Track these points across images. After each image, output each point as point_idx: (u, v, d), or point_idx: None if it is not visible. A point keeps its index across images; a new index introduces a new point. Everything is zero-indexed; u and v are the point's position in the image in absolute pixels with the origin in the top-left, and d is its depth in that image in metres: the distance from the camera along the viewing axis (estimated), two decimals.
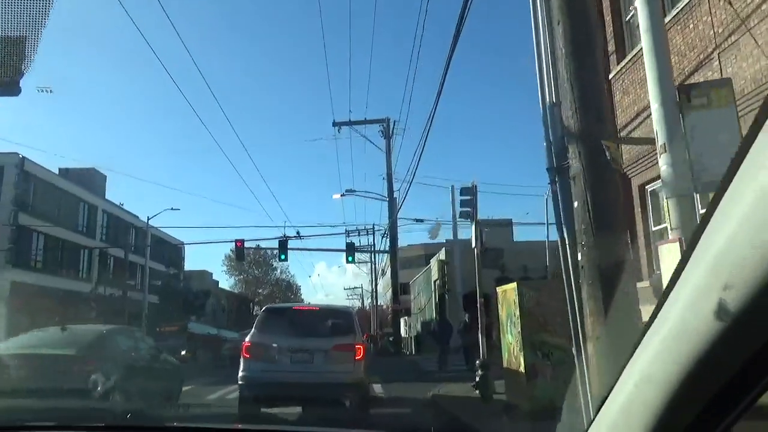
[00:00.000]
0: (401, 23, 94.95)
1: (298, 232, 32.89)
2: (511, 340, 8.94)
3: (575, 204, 5.08)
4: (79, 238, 40.95)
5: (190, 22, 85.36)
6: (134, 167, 76.91)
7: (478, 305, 11.93)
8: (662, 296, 0.88)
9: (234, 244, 34.75)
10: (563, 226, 5.46)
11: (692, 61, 8.73)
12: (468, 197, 12.04)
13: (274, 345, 8.95)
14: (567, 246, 5.41)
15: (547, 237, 32.50)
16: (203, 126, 45.06)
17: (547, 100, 5.85)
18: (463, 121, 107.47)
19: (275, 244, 34.43)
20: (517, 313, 8.33)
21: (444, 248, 34.40)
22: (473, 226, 11.84)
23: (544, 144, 5.77)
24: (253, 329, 9.56)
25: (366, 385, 9.41)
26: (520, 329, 8.24)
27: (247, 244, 38.41)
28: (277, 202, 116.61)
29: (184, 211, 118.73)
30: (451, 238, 34.55)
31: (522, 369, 8.17)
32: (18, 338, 9.63)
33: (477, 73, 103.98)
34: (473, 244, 11.89)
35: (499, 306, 9.64)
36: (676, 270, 0.84)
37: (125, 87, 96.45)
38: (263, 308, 10.92)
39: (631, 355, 0.97)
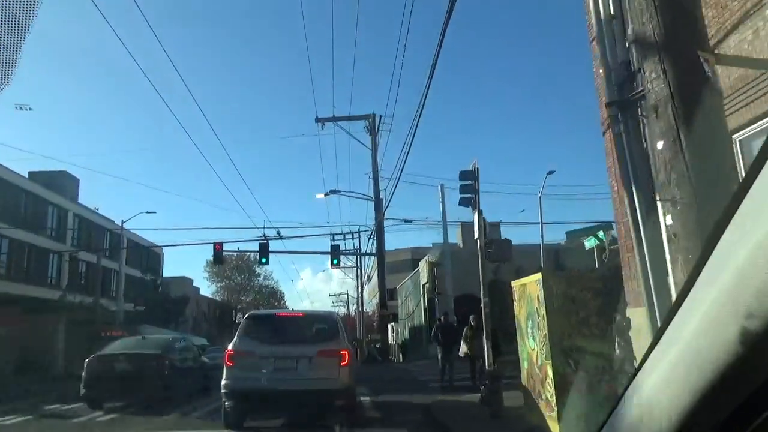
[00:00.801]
0: (387, 11, 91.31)
1: (278, 232, 31.12)
2: (533, 345, 7.31)
3: (659, 144, 3.50)
4: (48, 243, 38.71)
5: (164, 14, 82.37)
6: (109, 167, 74.15)
7: (482, 306, 10.31)
8: (667, 315, 0.85)
9: (213, 247, 32.80)
10: (631, 179, 3.90)
11: (735, 12, 7.22)
12: (468, 182, 10.46)
13: (257, 352, 8.78)
14: (638, 207, 3.85)
15: (542, 237, 31.11)
16: (178, 123, 42.75)
17: (602, 13, 4.31)
18: (454, 115, 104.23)
19: (257, 247, 32.56)
20: (542, 311, 6.66)
21: (432, 250, 32.85)
22: (475, 215, 10.26)
23: (601, 74, 4.22)
24: (235, 337, 9.36)
25: (353, 392, 9.15)
26: (546, 332, 6.57)
27: (227, 247, 36.56)
28: (255, 201, 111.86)
29: (160, 215, 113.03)
30: (440, 241, 33.11)
31: (549, 382, 6.53)
32: (115, 344, 14.35)
33: (469, 62, 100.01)
34: (475, 235, 10.31)
35: (516, 305, 8.02)
36: (683, 288, 0.82)
37: (96, 85, 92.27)
38: (246, 315, 10.73)
39: (632, 379, 0.94)
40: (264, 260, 32.71)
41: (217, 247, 32.55)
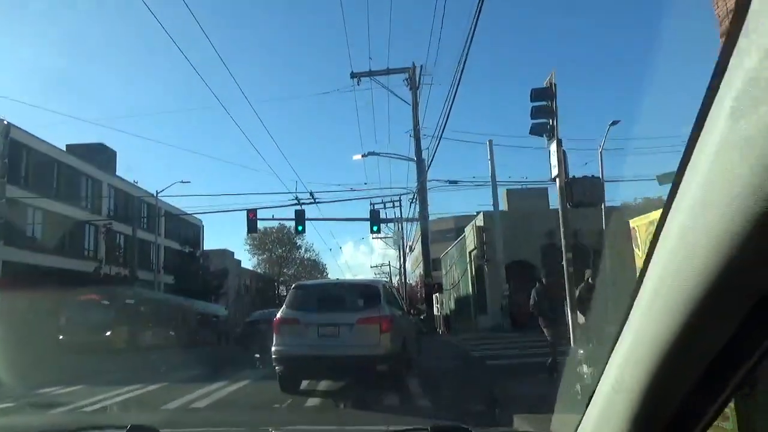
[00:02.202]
0: None
1: (311, 194, 29.07)
2: None
3: None
4: (84, 215, 37.96)
5: None
6: (141, 130, 72.81)
7: (564, 263, 7.91)
8: (632, 293, 0.87)
9: (246, 215, 31.14)
10: None
11: None
12: (543, 102, 7.98)
13: (302, 320, 9.25)
14: None
15: (604, 198, 28.18)
16: (204, 83, 40.55)
17: None
18: (502, 63, 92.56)
19: (292, 214, 30.71)
20: None
21: (482, 213, 30.31)
22: (553, 145, 7.84)
23: None
24: (283, 306, 9.93)
25: (400, 358, 9.22)
26: None
27: (263, 215, 34.89)
28: (286, 161, 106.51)
29: (195, 184, 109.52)
30: (485, 209, 30.55)
31: None
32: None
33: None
34: (553, 171, 7.89)
35: (638, 251, 5.60)
36: (641, 270, 0.83)
37: (122, 44, 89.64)
38: (293, 285, 11.25)
39: (608, 358, 0.97)
40: (300, 228, 30.90)
41: (251, 215, 30.89)
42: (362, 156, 29.74)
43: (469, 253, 33.97)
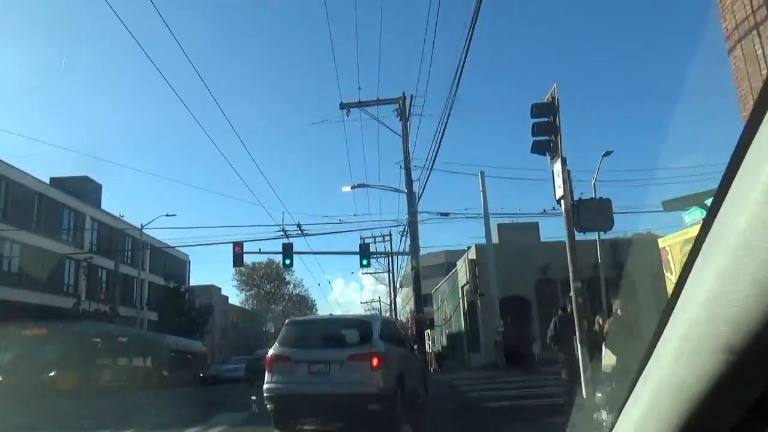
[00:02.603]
0: None
1: (299, 226, 28.23)
2: None
3: None
4: (65, 249, 36.79)
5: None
6: (126, 161, 70.71)
7: (572, 293, 7.14)
8: (654, 334, 0.83)
9: (232, 248, 30.20)
10: None
11: None
12: (545, 119, 7.33)
13: (294, 357, 9.13)
14: None
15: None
16: (191, 114, 38.94)
17: None
18: (495, 95, 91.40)
19: (280, 247, 29.79)
20: None
21: (474, 246, 29.58)
22: (556, 165, 7.16)
23: None
24: (276, 342, 9.78)
25: (391, 396, 8.84)
26: None
27: (250, 248, 33.94)
28: (273, 191, 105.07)
29: (181, 217, 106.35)
30: (476, 242, 29.83)
31: None
32: None
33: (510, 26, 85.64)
34: (557, 194, 7.19)
35: (669, 274, 4.83)
36: (664, 311, 0.80)
37: (107, 76, 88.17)
38: (286, 321, 11.10)
39: (623, 405, 0.92)
40: (288, 262, 29.91)
41: (237, 248, 29.96)
42: (351, 188, 29.02)
43: (462, 287, 33.11)
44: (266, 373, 9.23)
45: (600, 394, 5.64)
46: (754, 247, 0.61)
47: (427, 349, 35.38)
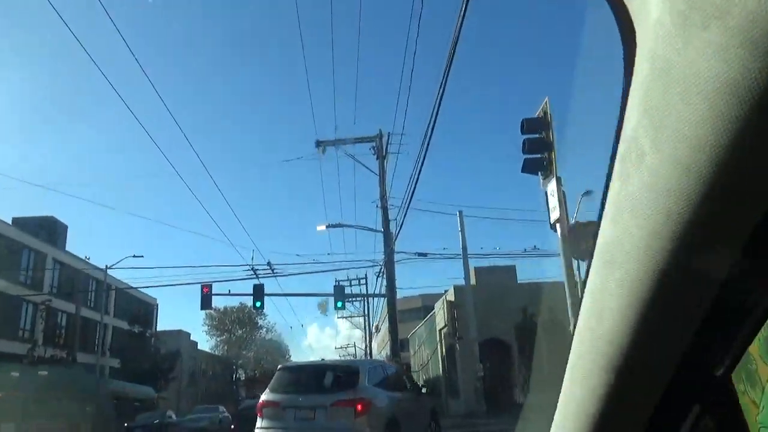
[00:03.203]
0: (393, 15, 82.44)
1: (269, 264, 27.14)
2: None
3: None
4: (22, 291, 34.87)
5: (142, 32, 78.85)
6: (92, 196, 67.56)
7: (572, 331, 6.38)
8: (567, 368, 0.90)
9: (200, 289, 28.89)
10: None
11: None
12: (536, 135, 6.68)
13: (282, 403, 9.31)
14: None
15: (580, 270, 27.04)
16: (159, 150, 37.35)
17: None
18: (472, 132, 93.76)
19: (251, 289, 28.59)
20: None
21: (452, 287, 28.76)
22: (550, 184, 6.48)
23: None
24: (267, 388, 9.98)
25: None
26: None
27: (219, 290, 32.56)
28: (243, 228, 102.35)
29: (148, 258, 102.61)
30: (452, 286, 29.06)
31: None
32: None
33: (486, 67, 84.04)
34: (552, 217, 6.48)
35: None
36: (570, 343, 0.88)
37: (72, 103, 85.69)
38: (278, 366, 11.57)
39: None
40: (258, 304, 28.74)
41: (205, 290, 28.69)
42: (326, 227, 28.21)
43: (439, 330, 32.08)
44: (257, 418, 9.43)
45: None
46: (616, 262, 0.64)
47: None
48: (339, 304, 28.98)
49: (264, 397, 9.68)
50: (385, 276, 28.31)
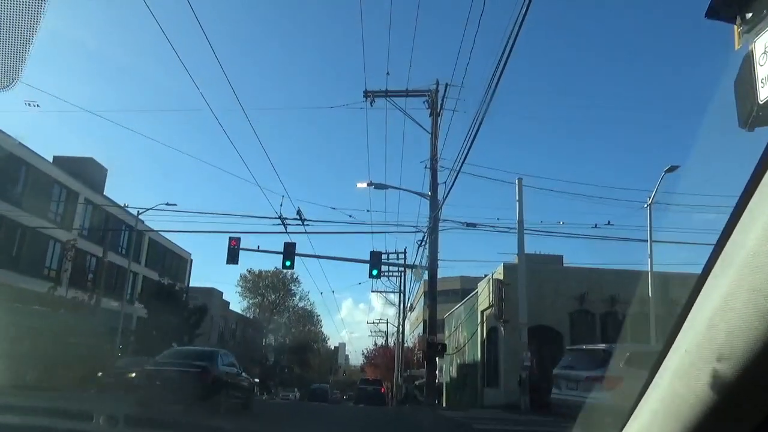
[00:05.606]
0: None
1: (299, 212, 24.70)
2: None
3: None
4: (54, 231, 33.73)
5: None
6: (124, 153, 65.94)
7: None
8: (654, 363, 0.84)
9: (228, 243, 26.85)
10: None
11: None
12: None
13: None
14: None
15: (651, 258, 23.65)
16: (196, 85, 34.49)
17: None
18: (540, 93, 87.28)
19: (281, 246, 26.36)
20: None
21: (502, 265, 25.77)
22: (760, 40, 3.62)
23: None
24: None
25: None
26: None
27: (248, 245, 30.42)
28: (277, 176, 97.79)
29: (182, 207, 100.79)
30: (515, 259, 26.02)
31: None
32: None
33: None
34: (761, 95, 3.62)
35: None
36: (670, 333, 0.80)
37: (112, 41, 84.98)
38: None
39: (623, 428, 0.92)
40: (288, 263, 26.53)
41: (233, 243, 26.64)
42: (368, 185, 25.58)
43: (482, 312, 29.23)
44: None
45: None
46: (759, 266, 0.64)
47: (436, 380, 31.32)
48: (375, 272, 26.44)
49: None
50: (427, 245, 25.59)
